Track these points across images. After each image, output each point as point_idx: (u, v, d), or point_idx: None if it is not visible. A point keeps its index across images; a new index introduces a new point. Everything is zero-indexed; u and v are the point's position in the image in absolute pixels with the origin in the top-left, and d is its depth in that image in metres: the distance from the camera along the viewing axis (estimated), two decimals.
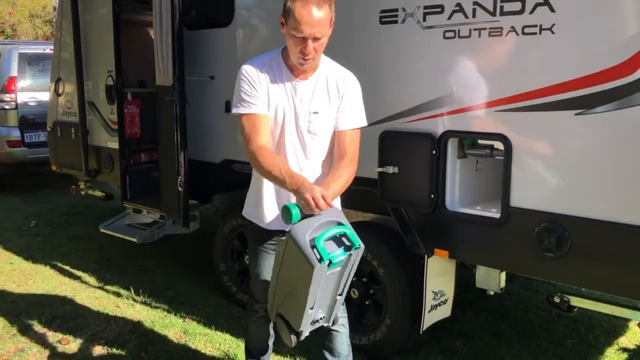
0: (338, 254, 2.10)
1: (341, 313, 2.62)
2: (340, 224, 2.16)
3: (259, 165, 2.27)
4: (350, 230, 2.16)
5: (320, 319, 2.29)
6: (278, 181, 2.24)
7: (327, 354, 2.65)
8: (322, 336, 2.65)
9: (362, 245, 2.17)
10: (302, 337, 2.28)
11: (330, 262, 2.06)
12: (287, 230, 2.16)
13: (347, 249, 2.13)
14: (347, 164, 2.35)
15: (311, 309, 2.17)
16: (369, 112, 2.52)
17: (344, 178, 2.31)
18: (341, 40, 3.29)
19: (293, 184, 2.17)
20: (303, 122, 2.37)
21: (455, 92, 2.85)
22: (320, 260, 2.02)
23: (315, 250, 2.04)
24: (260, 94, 2.31)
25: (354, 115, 2.41)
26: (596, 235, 2.54)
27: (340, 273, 2.20)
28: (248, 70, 2.33)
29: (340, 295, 2.30)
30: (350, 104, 2.40)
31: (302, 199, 2.13)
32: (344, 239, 2.14)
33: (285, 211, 2.13)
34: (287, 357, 3.37)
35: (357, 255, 2.18)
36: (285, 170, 2.22)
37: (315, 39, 2.18)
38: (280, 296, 2.27)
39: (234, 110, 2.36)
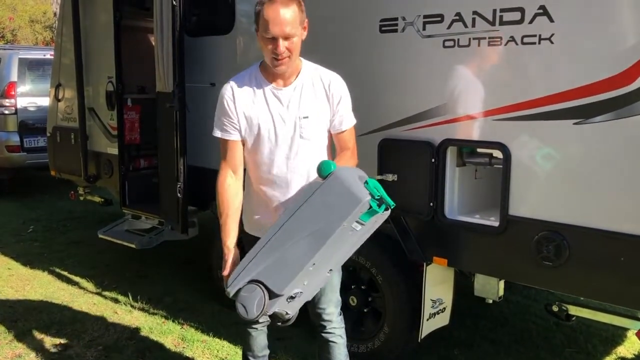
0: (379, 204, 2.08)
1: (339, 324, 2.60)
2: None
3: (217, 197, 2.44)
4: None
5: (299, 293, 2.21)
6: (219, 221, 2.42)
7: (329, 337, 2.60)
8: (319, 347, 2.64)
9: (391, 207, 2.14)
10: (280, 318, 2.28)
11: (381, 203, 2.05)
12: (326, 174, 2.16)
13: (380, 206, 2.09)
14: (351, 154, 2.47)
15: (312, 266, 2.10)
16: (369, 120, 2.53)
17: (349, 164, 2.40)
18: (341, 48, 3.31)
19: (221, 235, 2.40)
20: (293, 128, 2.37)
21: (455, 101, 2.86)
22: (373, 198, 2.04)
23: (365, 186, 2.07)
24: (236, 120, 2.37)
25: (349, 115, 2.48)
26: (595, 244, 2.54)
27: (355, 237, 2.17)
28: (225, 94, 2.38)
29: (329, 272, 2.26)
30: (345, 105, 2.44)
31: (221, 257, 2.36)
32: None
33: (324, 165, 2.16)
34: None
35: (379, 219, 2.16)
36: (227, 223, 2.39)
37: (286, 38, 2.21)
38: (265, 258, 2.16)
39: (213, 133, 2.44)
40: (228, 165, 2.42)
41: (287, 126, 2.36)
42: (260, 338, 2.76)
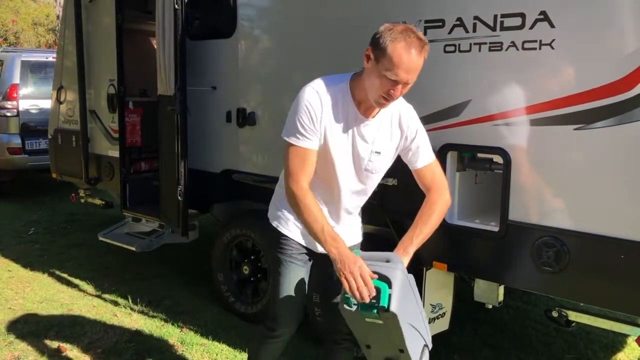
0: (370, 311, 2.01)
1: (346, 341, 2.55)
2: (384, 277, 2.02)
3: (299, 211, 2.17)
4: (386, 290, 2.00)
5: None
6: (315, 236, 2.15)
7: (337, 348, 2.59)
8: (326, 353, 2.63)
9: (394, 311, 1.97)
10: None
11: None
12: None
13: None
14: (435, 200, 2.26)
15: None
16: None
17: (429, 226, 2.22)
18: (342, 51, 3.32)
19: (333, 249, 2.07)
20: (363, 160, 2.26)
21: (455, 106, 2.86)
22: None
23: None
24: (318, 129, 2.16)
25: (427, 148, 2.30)
26: (595, 250, 2.54)
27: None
28: (311, 101, 2.14)
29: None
30: (421, 140, 2.27)
31: (338, 271, 2.04)
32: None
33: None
34: None
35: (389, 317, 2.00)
36: (328, 230, 2.11)
37: (406, 83, 2.05)
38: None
39: (286, 137, 2.18)
40: (305, 175, 2.16)
41: (360, 158, 2.26)
42: (276, 354, 2.60)
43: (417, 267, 3.13)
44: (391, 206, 3.14)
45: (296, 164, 2.17)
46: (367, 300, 1.97)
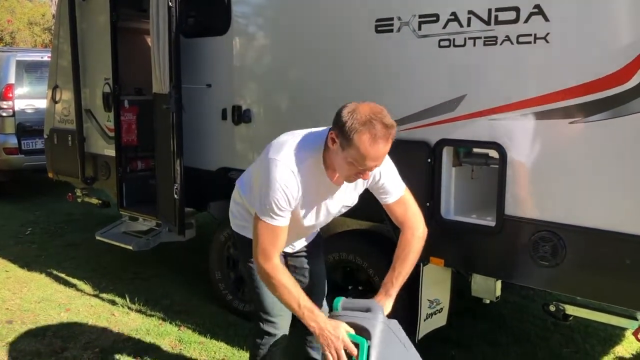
0: None
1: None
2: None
3: (273, 289, 2.13)
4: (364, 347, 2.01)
5: None
6: (292, 311, 2.13)
7: (312, 352, 2.74)
8: (305, 336, 2.70)
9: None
10: None
11: None
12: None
13: None
14: (408, 239, 2.26)
15: None
16: None
17: (407, 266, 2.25)
18: (337, 48, 3.31)
19: (312, 322, 2.05)
20: (331, 214, 2.35)
21: (450, 101, 2.86)
22: None
23: None
24: (293, 207, 2.14)
25: (395, 185, 2.28)
26: (591, 243, 2.54)
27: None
28: (288, 185, 2.07)
29: None
30: (388, 178, 2.26)
31: (321, 347, 2.04)
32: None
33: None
34: None
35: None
36: (304, 305, 2.08)
37: (374, 167, 2.06)
38: None
39: (258, 214, 2.13)
40: (277, 251, 2.14)
41: (329, 213, 2.34)
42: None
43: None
44: None
45: (268, 241, 2.12)
46: None
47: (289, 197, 2.09)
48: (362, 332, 2.03)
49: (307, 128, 2.31)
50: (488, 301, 3.14)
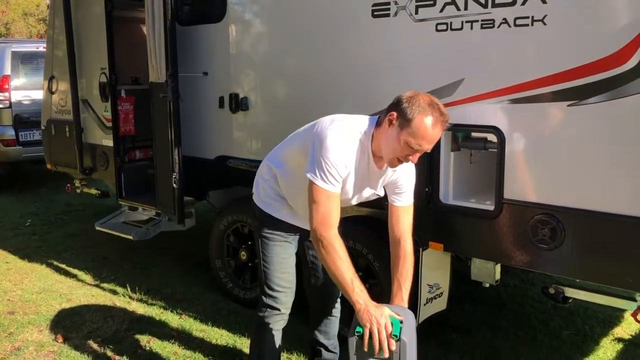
0: None
1: (337, 305, 2.78)
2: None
3: (328, 258, 2.17)
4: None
5: None
6: (341, 284, 2.17)
7: (320, 336, 2.85)
8: (315, 320, 2.82)
9: (405, 340, 2.08)
10: None
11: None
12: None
13: None
14: (408, 247, 2.37)
15: None
16: (363, 105, 2.51)
17: (411, 270, 2.36)
18: (334, 33, 3.29)
19: (360, 300, 2.10)
20: (362, 198, 2.43)
21: (448, 85, 2.84)
22: None
23: None
24: (344, 176, 2.23)
25: (411, 191, 2.40)
26: (590, 226, 2.54)
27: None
28: (345, 153, 2.18)
29: None
30: (407, 184, 2.38)
31: (363, 324, 2.09)
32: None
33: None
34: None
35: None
36: (357, 282, 2.14)
37: (425, 151, 2.17)
38: None
39: (316, 181, 2.17)
40: (335, 219, 2.20)
41: (361, 197, 2.43)
42: (278, 335, 2.68)
43: (414, 248, 3.14)
44: None
45: (327, 209, 2.18)
46: (387, 355, 2.04)
47: (346, 163, 2.19)
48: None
49: (305, 114, 2.31)
50: (487, 285, 3.15)
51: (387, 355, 2.05)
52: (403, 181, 2.37)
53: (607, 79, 2.41)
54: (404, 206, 2.39)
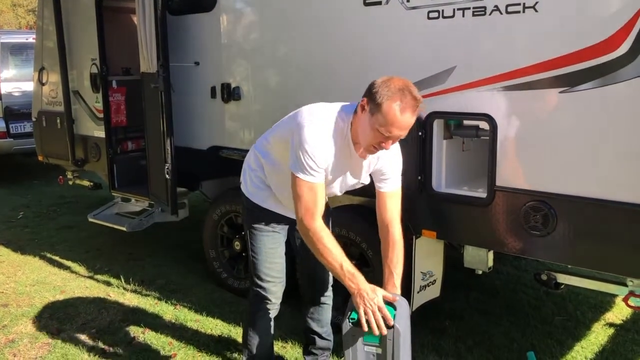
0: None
1: (328, 293, 2.82)
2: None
3: (316, 247, 2.19)
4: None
5: None
6: (333, 271, 2.20)
7: (313, 324, 2.87)
8: (307, 308, 2.85)
9: (398, 327, 2.11)
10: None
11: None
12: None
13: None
14: (397, 234, 2.37)
15: None
16: (355, 94, 2.50)
17: (401, 256, 2.36)
18: (326, 22, 3.28)
19: (352, 284, 2.12)
20: (349, 184, 2.44)
21: (440, 73, 2.84)
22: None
23: None
24: (325, 166, 2.24)
25: (396, 176, 2.41)
26: (581, 212, 2.56)
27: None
28: (323, 143, 2.19)
29: None
30: (393, 170, 2.39)
31: (355, 304, 2.11)
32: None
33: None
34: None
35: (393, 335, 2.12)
36: (347, 267, 2.15)
37: (397, 138, 2.15)
38: None
39: (299, 175, 2.20)
40: (320, 210, 2.22)
41: (346, 185, 2.45)
42: (270, 324, 2.71)
43: (407, 236, 3.15)
44: None
45: (310, 200, 2.20)
46: (385, 332, 2.06)
47: (325, 153, 2.19)
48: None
49: (297, 103, 2.31)
50: (480, 272, 3.17)
51: (384, 332, 2.06)
52: (387, 167, 2.37)
53: (598, 65, 2.41)
54: (390, 192, 2.39)
